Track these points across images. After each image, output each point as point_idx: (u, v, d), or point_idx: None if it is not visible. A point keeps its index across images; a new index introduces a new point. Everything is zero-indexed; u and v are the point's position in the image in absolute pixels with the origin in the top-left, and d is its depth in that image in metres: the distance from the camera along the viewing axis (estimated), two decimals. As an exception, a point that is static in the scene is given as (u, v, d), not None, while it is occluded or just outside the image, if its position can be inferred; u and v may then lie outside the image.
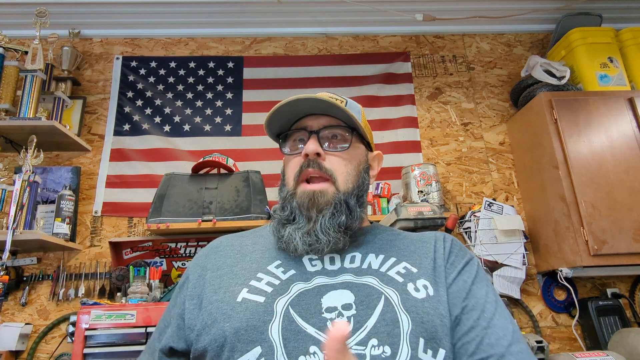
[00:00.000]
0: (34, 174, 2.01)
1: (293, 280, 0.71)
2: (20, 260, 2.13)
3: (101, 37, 2.67)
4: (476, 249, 2.18)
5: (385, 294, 0.68)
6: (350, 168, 0.81)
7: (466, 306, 0.69)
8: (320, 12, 2.62)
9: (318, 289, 0.69)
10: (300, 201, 0.77)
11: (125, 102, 2.52)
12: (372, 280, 0.70)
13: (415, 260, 0.75)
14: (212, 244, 0.86)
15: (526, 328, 2.20)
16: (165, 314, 0.83)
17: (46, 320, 2.09)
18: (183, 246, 2.20)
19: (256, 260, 0.78)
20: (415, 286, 0.70)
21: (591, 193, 2.06)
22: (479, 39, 2.81)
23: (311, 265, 0.75)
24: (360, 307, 0.66)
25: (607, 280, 2.32)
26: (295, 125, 0.85)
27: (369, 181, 0.85)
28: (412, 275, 0.72)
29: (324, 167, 0.78)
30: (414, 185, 2.19)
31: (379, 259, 0.76)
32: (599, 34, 2.45)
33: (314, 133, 0.80)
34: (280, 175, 0.87)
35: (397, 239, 0.83)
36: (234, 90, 2.60)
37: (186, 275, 0.83)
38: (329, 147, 0.81)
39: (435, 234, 0.84)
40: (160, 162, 2.40)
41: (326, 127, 0.81)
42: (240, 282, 0.73)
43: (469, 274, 0.74)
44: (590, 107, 2.21)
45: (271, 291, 0.69)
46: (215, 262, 0.80)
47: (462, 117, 2.61)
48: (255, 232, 0.88)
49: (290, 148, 0.85)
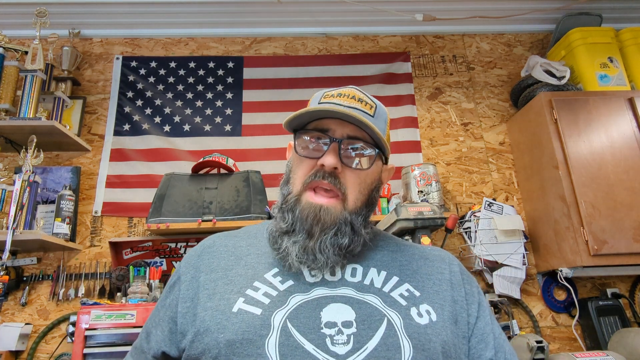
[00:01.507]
0: (34, 174, 2.01)
1: (291, 291, 0.69)
2: (20, 260, 2.13)
3: (101, 37, 2.66)
4: (476, 249, 2.18)
5: (388, 316, 0.66)
6: (363, 187, 0.75)
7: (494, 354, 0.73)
8: (320, 12, 2.62)
9: (317, 300, 0.67)
10: (304, 214, 0.72)
11: (125, 102, 2.52)
12: (374, 300, 0.68)
13: (418, 283, 0.73)
14: (205, 243, 0.82)
15: (526, 328, 2.20)
16: (154, 313, 0.80)
17: (46, 320, 2.09)
18: (183, 246, 2.20)
19: (252, 266, 0.74)
20: (419, 311, 0.68)
21: (591, 193, 2.05)
22: (479, 39, 2.81)
23: (310, 275, 0.72)
24: (362, 327, 0.64)
25: (607, 280, 2.32)
26: (314, 124, 0.76)
27: (377, 200, 0.81)
28: (414, 299, 0.70)
29: (338, 182, 0.72)
30: (414, 185, 2.19)
31: (381, 276, 0.73)
32: (599, 34, 2.45)
33: (335, 141, 0.73)
34: (285, 171, 0.81)
35: (399, 250, 0.80)
36: (234, 90, 2.60)
37: (177, 275, 0.79)
38: (349, 162, 0.74)
39: (441, 255, 0.82)
40: (160, 162, 2.40)
41: (350, 137, 0.74)
42: (236, 290, 0.70)
43: (484, 319, 0.76)
44: (590, 107, 2.21)
45: (268, 303, 0.67)
46: (209, 264, 0.76)
47: (462, 117, 2.61)
48: (248, 232, 0.84)
49: (306, 148, 0.76)
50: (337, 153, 0.73)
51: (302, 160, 0.76)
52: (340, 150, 0.73)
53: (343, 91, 0.77)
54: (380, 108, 0.79)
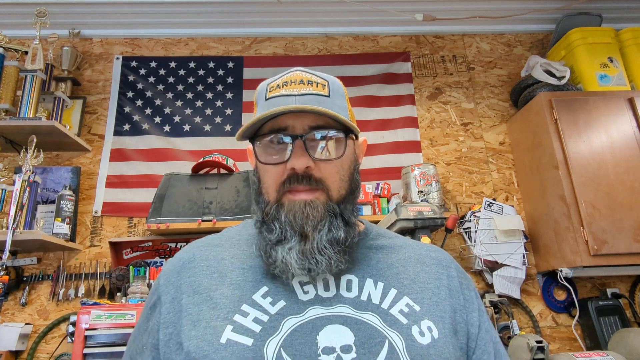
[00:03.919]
0: (34, 174, 2.01)
1: (284, 314, 0.63)
2: (20, 260, 2.13)
3: (101, 37, 2.66)
4: (476, 249, 2.18)
5: (389, 338, 0.63)
6: (343, 173, 0.70)
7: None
8: (320, 12, 2.62)
9: (313, 322, 0.63)
10: (291, 215, 0.66)
11: (125, 102, 2.52)
12: (373, 319, 0.64)
13: (417, 295, 0.70)
14: (183, 257, 0.74)
15: (526, 328, 2.20)
16: (136, 337, 0.73)
17: (46, 320, 2.09)
18: (183, 246, 2.20)
19: (238, 285, 0.68)
20: (420, 329, 0.65)
21: (591, 193, 2.06)
22: (479, 39, 2.81)
23: (303, 292, 0.66)
24: (362, 351, 0.60)
25: (607, 280, 2.32)
26: (271, 124, 0.70)
27: (359, 182, 0.76)
28: (415, 315, 0.67)
29: (314, 180, 0.67)
30: (414, 185, 2.19)
31: (378, 288, 0.69)
32: (599, 34, 2.45)
33: (299, 138, 0.67)
34: (253, 180, 0.75)
35: (393, 251, 0.76)
36: (234, 90, 2.60)
37: (157, 295, 0.71)
38: (320, 156, 0.68)
39: (438, 257, 0.78)
40: (160, 162, 2.40)
41: (312, 128, 0.68)
42: (222, 316, 0.64)
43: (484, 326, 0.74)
44: (590, 107, 2.21)
45: (260, 330, 0.62)
46: (190, 283, 0.69)
47: (462, 117, 2.61)
48: (230, 238, 0.77)
49: (268, 155, 0.70)
50: (305, 150, 0.67)
51: (268, 169, 0.70)
52: (307, 146, 0.67)
53: (288, 77, 0.70)
54: (334, 83, 0.73)
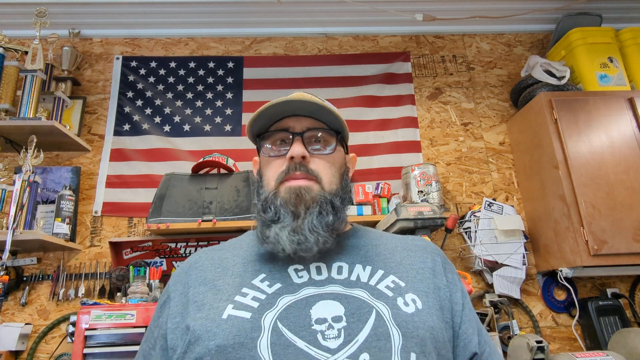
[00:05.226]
0: (34, 174, 2.01)
1: (280, 293, 0.70)
2: (20, 260, 2.13)
3: (101, 37, 2.67)
4: (476, 249, 2.18)
5: (377, 307, 0.68)
6: (334, 170, 0.81)
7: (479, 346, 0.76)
8: (320, 12, 2.62)
9: (306, 299, 0.68)
10: (286, 197, 0.75)
11: (125, 102, 2.52)
12: (361, 293, 0.70)
13: (403, 274, 0.76)
14: (191, 260, 0.84)
15: (526, 328, 2.20)
16: (148, 335, 0.80)
17: (46, 320, 2.09)
18: (183, 246, 2.20)
19: (239, 275, 0.75)
20: (405, 300, 0.70)
21: (591, 193, 2.06)
22: (479, 39, 2.81)
23: (297, 276, 0.73)
24: (351, 320, 0.66)
25: (607, 280, 2.32)
26: (275, 126, 0.84)
27: (350, 184, 0.86)
28: (400, 289, 0.72)
29: (309, 169, 0.78)
30: (414, 185, 2.19)
31: (366, 270, 0.75)
32: (599, 34, 2.45)
33: (298, 135, 0.80)
34: (257, 178, 0.86)
35: (381, 244, 0.83)
36: (234, 90, 2.60)
37: (167, 294, 0.80)
38: (314, 150, 0.81)
39: (423, 245, 0.84)
40: (160, 162, 2.40)
41: (310, 129, 0.81)
42: (224, 298, 0.70)
43: (468, 305, 0.79)
44: (590, 107, 2.21)
45: (257, 306, 0.68)
46: (197, 278, 0.77)
47: (462, 117, 2.61)
48: (233, 244, 0.86)
49: (272, 149, 0.83)
50: (302, 143, 0.79)
51: (271, 161, 0.82)
52: (304, 140, 0.80)
53: (290, 96, 0.81)
54: (332, 107, 0.84)
